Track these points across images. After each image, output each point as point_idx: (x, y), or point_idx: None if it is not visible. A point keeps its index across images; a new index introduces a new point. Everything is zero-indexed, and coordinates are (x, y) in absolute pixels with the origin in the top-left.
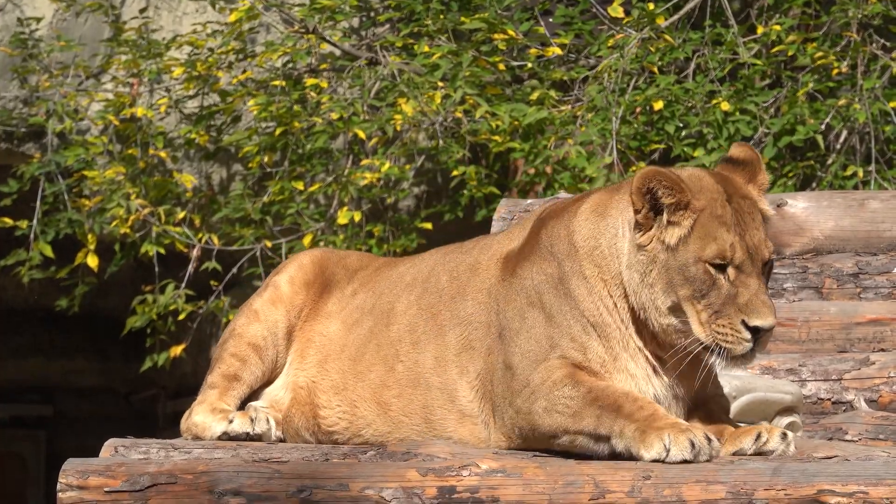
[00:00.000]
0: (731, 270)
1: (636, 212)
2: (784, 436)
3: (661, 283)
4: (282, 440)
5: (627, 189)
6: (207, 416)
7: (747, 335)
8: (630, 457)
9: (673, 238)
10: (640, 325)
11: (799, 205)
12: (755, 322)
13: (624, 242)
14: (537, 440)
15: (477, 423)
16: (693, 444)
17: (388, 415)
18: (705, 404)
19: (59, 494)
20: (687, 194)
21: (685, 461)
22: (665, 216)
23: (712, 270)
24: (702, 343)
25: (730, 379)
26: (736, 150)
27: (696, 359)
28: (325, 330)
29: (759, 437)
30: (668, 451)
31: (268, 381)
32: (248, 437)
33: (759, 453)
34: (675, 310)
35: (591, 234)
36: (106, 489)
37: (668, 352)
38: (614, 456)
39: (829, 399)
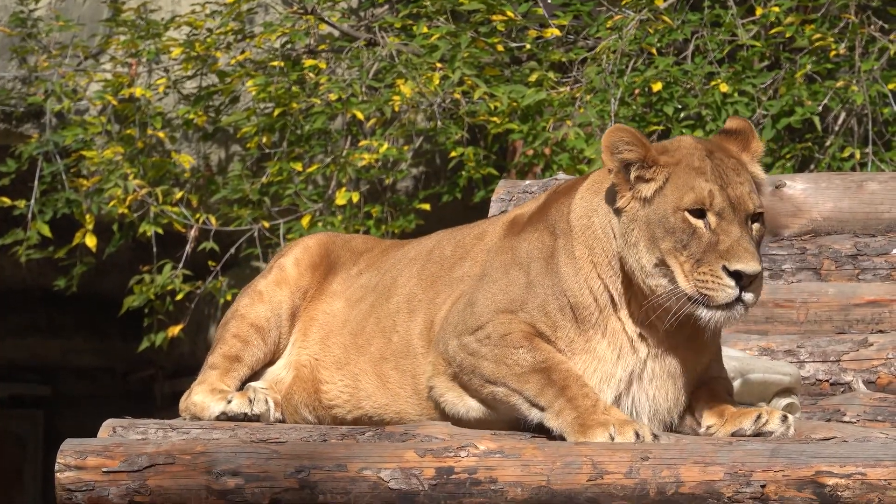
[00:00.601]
0: (711, 217)
1: (609, 171)
2: (784, 418)
3: (644, 239)
4: (281, 421)
5: None
6: (207, 396)
7: (729, 281)
8: (558, 437)
9: (648, 191)
10: (635, 301)
11: (797, 186)
12: (736, 266)
13: (609, 217)
14: (470, 377)
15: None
16: (638, 435)
17: (387, 387)
18: (708, 384)
19: (57, 474)
20: (650, 149)
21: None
22: (633, 172)
23: (691, 218)
24: (686, 295)
25: (728, 360)
26: (730, 122)
27: (693, 330)
28: (329, 308)
29: (759, 418)
30: (612, 439)
31: (269, 362)
32: (246, 418)
33: (758, 434)
34: (661, 266)
35: (585, 213)
36: (104, 469)
37: (660, 321)
38: (539, 428)
39: (827, 380)
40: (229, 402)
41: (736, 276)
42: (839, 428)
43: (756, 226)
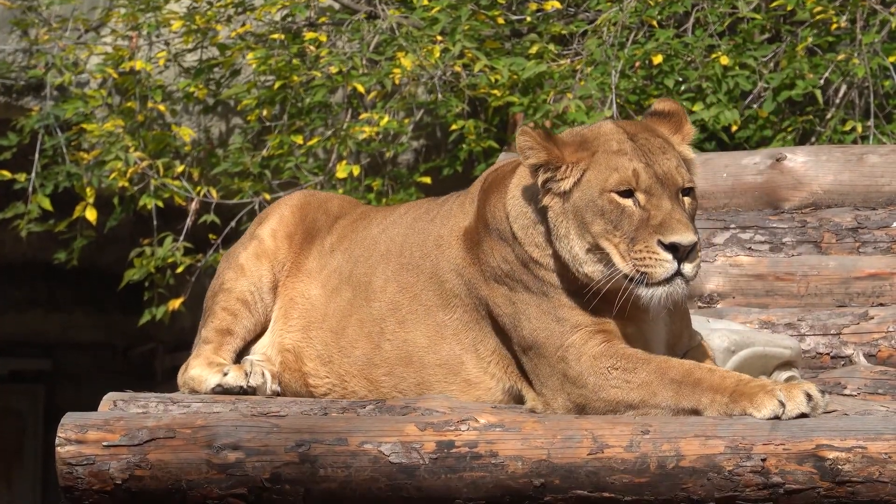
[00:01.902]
0: (639, 195)
1: (532, 173)
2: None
3: (573, 228)
4: (278, 394)
5: (513, 167)
6: (204, 369)
7: (667, 255)
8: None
9: (566, 185)
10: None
11: (798, 159)
12: (671, 238)
13: (541, 214)
14: (597, 409)
15: (489, 389)
16: (810, 397)
17: (380, 391)
18: (688, 354)
19: (58, 448)
20: (554, 151)
21: (803, 415)
22: (541, 176)
23: (619, 199)
24: (625, 275)
25: (729, 333)
26: (660, 104)
27: (626, 306)
28: (307, 292)
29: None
30: (784, 406)
31: (258, 335)
32: (242, 391)
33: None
34: (594, 251)
35: (521, 211)
36: (104, 443)
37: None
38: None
39: (827, 353)
40: (225, 374)
41: (672, 248)
42: (840, 401)
43: (687, 199)
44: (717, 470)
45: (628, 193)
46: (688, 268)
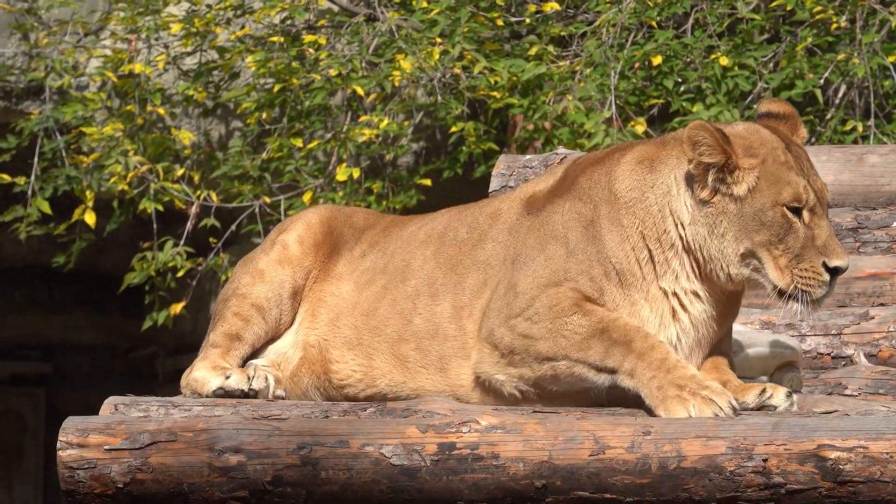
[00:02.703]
0: (805, 213)
1: (689, 161)
2: (789, 394)
3: (733, 231)
4: (281, 398)
5: (675, 145)
6: (207, 372)
7: (827, 277)
8: (635, 396)
9: (741, 190)
10: (680, 275)
11: None
12: (835, 262)
13: (679, 201)
14: (523, 358)
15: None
16: (716, 416)
17: (406, 366)
18: (713, 357)
19: (59, 452)
20: (731, 155)
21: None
22: (711, 175)
23: (789, 214)
24: (778, 289)
25: None
26: (774, 106)
27: (735, 302)
28: (337, 291)
29: (763, 392)
30: (690, 417)
31: (272, 339)
32: (244, 394)
33: (761, 408)
34: (748, 257)
35: (636, 186)
36: (106, 447)
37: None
38: (612, 388)
39: (828, 354)
40: (227, 377)
41: (833, 271)
42: (841, 401)
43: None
44: (719, 470)
45: (798, 210)
46: (832, 288)
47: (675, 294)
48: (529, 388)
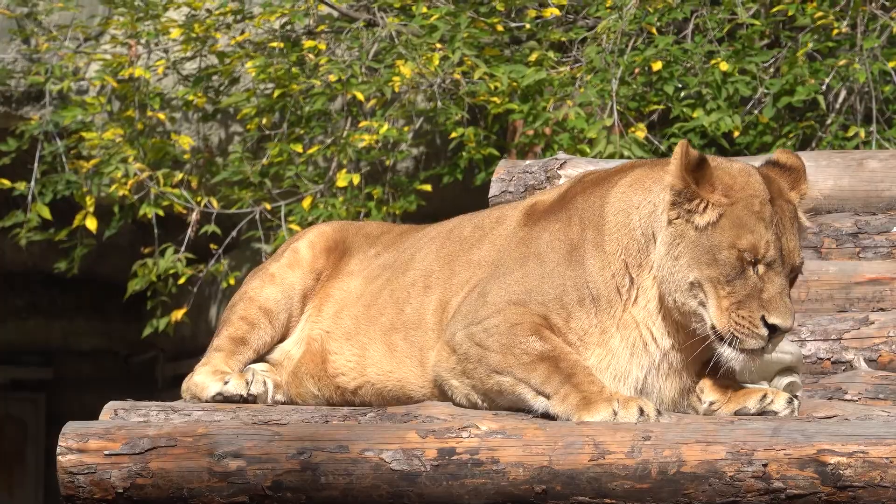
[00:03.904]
0: (760, 267)
1: (669, 189)
2: (790, 400)
3: (687, 257)
4: (280, 403)
5: (665, 165)
6: (207, 377)
7: (764, 331)
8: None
9: (701, 221)
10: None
11: None
12: (774, 320)
13: (660, 220)
14: (475, 367)
15: None
16: (642, 411)
17: (394, 355)
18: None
19: (59, 457)
20: (692, 186)
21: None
22: (671, 197)
23: (744, 260)
24: (716, 331)
25: None
26: (783, 157)
27: (702, 352)
28: (346, 286)
29: (764, 397)
30: (615, 414)
31: (280, 340)
32: (243, 399)
33: (762, 413)
34: (696, 288)
35: (623, 209)
36: (106, 452)
37: (680, 334)
38: (545, 416)
39: (828, 359)
40: (226, 382)
41: (771, 328)
42: (841, 406)
43: (793, 276)
44: (719, 475)
45: (753, 261)
46: (770, 347)
47: (646, 325)
48: (479, 399)
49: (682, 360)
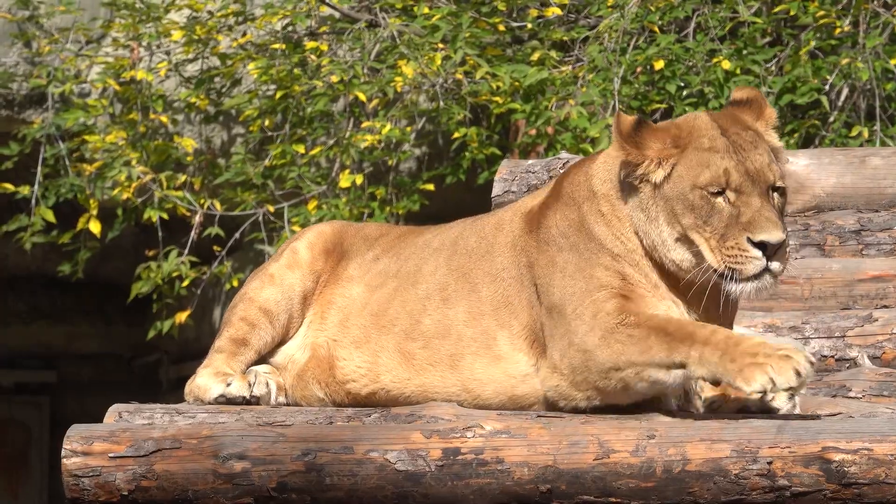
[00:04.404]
0: (729, 194)
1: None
2: (791, 396)
3: (662, 216)
4: (283, 404)
5: None
6: (210, 379)
7: (756, 252)
8: (713, 382)
9: (657, 177)
10: (658, 267)
11: (800, 162)
12: (760, 236)
13: (628, 191)
14: (594, 374)
15: (516, 363)
16: (799, 374)
17: (411, 363)
18: None
19: (64, 461)
20: (633, 150)
21: (791, 388)
22: (623, 170)
23: (709, 196)
24: (714, 270)
25: None
26: (738, 93)
27: (715, 297)
28: (347, 292)
29: (765, 394)
30: (773, 382)
31: (281, 342)
32: (245, 401)
33: (763, 410)
34: (683, 241)
35: (607, 178)
36: (110, 455)
37: (686, 291)
38: (684, 383)
39: (832, 356)
40: (228, 384)
41: (761, 246)
42: (845, 404)
43: (776, 195)
44: (724, 473)
45: (719, 192)
46: (775, 265)
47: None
48: (599, 404)
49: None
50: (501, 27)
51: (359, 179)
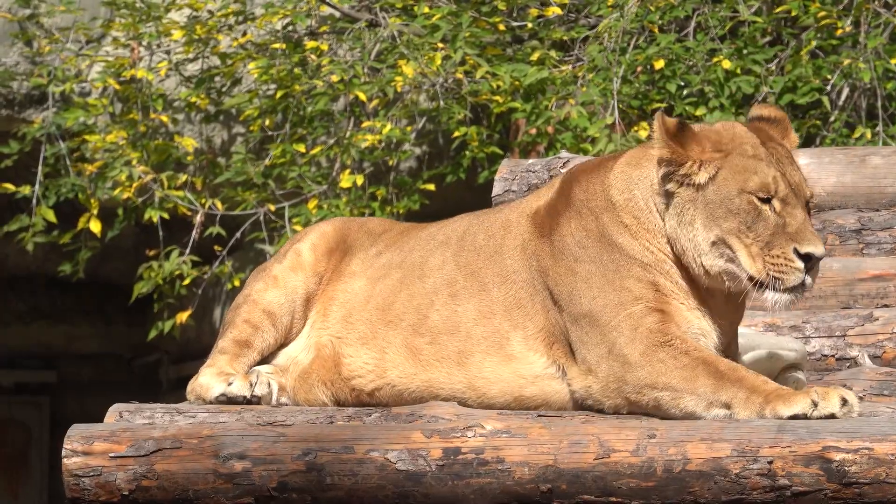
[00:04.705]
0: (776, 203)
1: (657, 162)
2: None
3: (700, 218)
4: (284, 405)
5: (652, 144)
6: (212, 378)
7: (800, 263)
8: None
9: (702, 178)
10: (684, 271)
11: (800, 161)
12: (807, 249)
13: (660, 194)
14: (629, 385)
15: (531, 364)
16: (845, 401)
17: (418, 358)
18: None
19: (64, 460)
20: (678, 149)
21: (832, 415)
22: (663, 168)
23: (757, 202)
24: (754, 279)
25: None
26: (764, 111)
27: (734, 303)
28: (349, 287)
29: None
30: (815, 405)
31: (283, 344)
32: (246, 401)
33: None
34: (719, 245)
35: (626, 187)
36: (111, 454)
37: (708, 297)
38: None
39: (833, 355)
40: (230, 384)
41: (806, 258)
42: None
43: (809, 206)
44: (724, 473)
45: (766, 199)
46: (809, 280)
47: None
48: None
49: (721, 336)
50: (501, 27)
51: (359, 179)
